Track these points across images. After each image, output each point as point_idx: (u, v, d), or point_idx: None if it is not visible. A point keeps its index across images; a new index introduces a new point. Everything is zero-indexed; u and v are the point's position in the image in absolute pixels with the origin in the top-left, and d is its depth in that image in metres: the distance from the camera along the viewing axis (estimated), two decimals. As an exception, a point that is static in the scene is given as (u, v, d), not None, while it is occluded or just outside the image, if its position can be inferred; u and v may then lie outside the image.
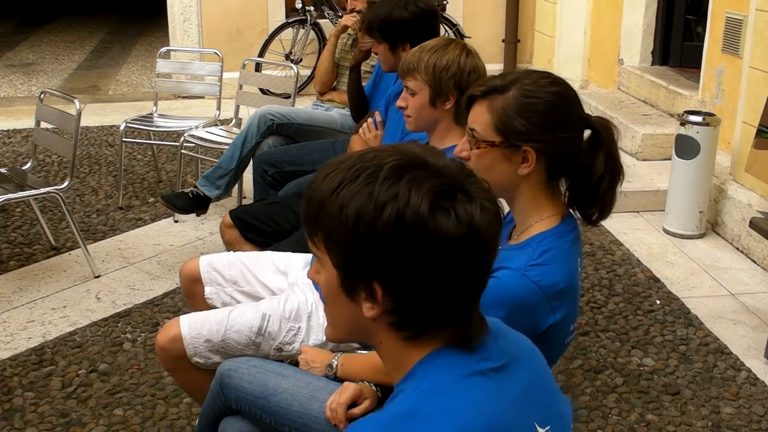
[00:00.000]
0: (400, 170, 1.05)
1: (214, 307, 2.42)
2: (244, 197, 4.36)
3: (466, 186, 1.07)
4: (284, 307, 2.25)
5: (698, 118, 4.17)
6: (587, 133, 1.67)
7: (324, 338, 2.24)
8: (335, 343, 2.14)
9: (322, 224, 1.08)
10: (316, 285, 2.26)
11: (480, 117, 1.66)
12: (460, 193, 1.05)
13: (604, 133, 1.65)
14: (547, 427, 1.16)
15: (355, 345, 2.13)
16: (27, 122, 5.92)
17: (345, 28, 4.21)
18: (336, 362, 1.94)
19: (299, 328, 2.25)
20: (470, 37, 7.10)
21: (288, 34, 6.90)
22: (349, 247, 1.05)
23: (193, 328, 2.22)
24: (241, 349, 2.22)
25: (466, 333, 1.11)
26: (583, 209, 1.71)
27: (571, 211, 1.72)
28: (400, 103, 2.41)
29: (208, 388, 2.12)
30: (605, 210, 1.70)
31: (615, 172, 1.65)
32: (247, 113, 4.73)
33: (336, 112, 4.18)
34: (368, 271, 1.06)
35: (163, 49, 5.06)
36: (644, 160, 5.04)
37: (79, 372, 3.04)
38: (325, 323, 2.24)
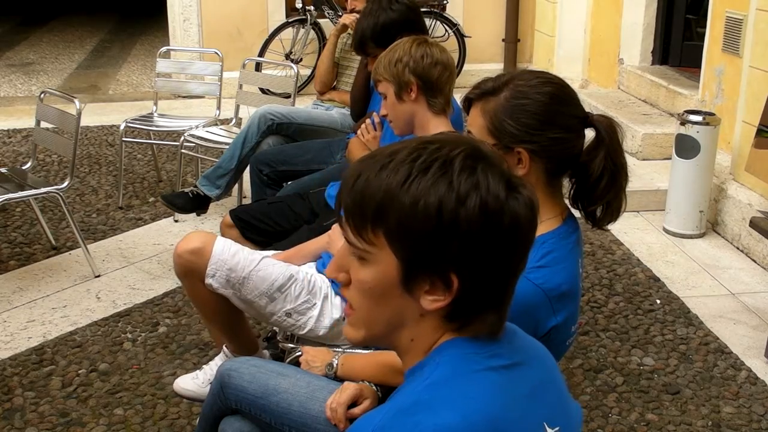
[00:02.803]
0: (471, 161, 1.07)
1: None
2: (244, 197, 4.36)
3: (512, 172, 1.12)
4: (309, 279, 2.31)
5: (698, 118, 4.17)
6: (593, 132, 1.67)
7: (329, 323, 2.28)
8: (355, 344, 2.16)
9: (387, 218, 1.06)
10: (335, 284, 2.29)
11: (475, 120, 1.67)
12: (515, 178, 1.10)
13: (605, 132, 1.65)
14: (557, 428, 1.16)
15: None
16: (27, 122, 5.92)
17: (345, 27, 4.20)
18: (336, 362, 1.95)
19: (315, 304, 2.29)
20: (470, 37, 7.11)
21: (288, 33, 6.90)
22: (426, 238, 1.05)
23: (225, 250, 2.26)
24: (256, 295, 2.25)
25: (501, 319, 1.12)
26: (584, 210, 1.71)
27: (573, 212, 1.72)
28: (381, 111, 2.47)
29: (213, 303, 2.15)
30: (609, 211, 1.68)
31: (614, 172, 1.64)
32: (247, 113, 4.73)
33: (336, 112, 4.18)
34: (445, 261, 1.06)
35: (163, 49, 5.06)
36: (644, 159, 5.04)
37: (79, 372, 3.04)
38: (336, 314, 2.29)
